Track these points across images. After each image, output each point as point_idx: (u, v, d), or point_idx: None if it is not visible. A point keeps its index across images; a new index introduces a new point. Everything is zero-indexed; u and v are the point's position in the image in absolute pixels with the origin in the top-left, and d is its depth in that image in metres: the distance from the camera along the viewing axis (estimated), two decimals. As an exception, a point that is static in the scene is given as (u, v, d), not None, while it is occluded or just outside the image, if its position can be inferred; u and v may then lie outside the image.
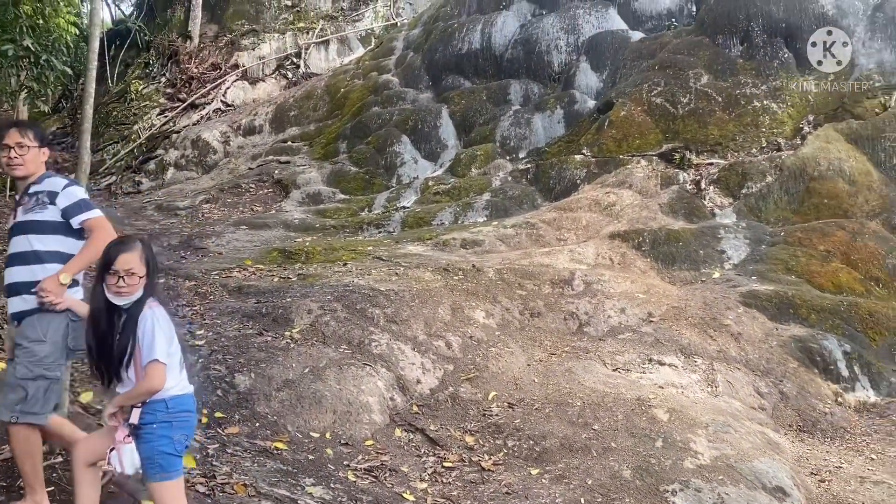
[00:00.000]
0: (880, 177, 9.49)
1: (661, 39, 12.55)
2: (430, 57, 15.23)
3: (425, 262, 8.13)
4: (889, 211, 9.06)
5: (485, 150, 12.64)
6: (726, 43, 11.62)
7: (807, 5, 11.23)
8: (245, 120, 17.08)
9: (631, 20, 13.51)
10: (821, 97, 10.77)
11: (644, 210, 9.88)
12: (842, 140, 9.82)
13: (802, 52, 11.12)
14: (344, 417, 5.10)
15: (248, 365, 5.36)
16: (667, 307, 7.50)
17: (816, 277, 8.07)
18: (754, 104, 10.81)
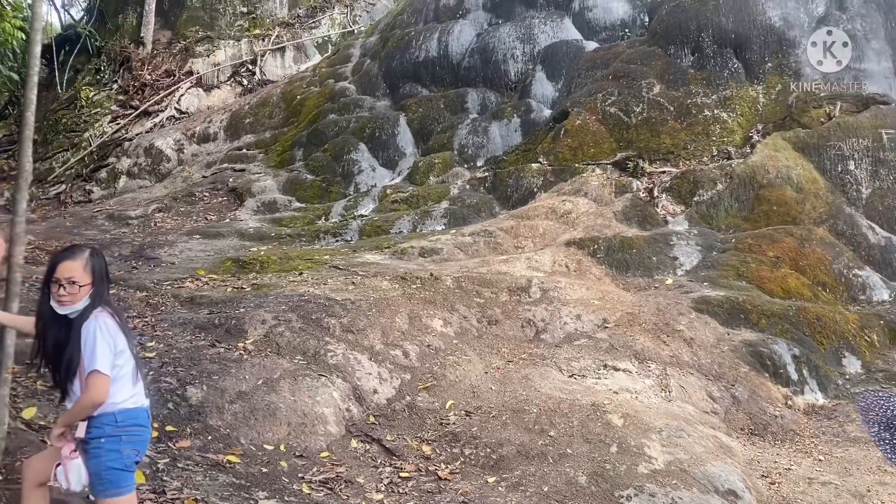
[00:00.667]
0: (826, 184, 9.76)
1: (614, 49, 12.74)
2: (387, 64, 15.22)
3: (383, 271, 8.10)
4: (835, 217, 9.33)
5: (443, 158, 12.67)
6: (678, 53, 11.86)
7: (755, 17, 11.52)
8: (199, 127, 16.83)
9: (585, 30, 13.69)
10: (769, 107, 11.05)
11: (599, 218, 10.00)
12: (789, 148, 10.09)
13: (751, 63, 11.40)
14: (299, 429, 5.04)
15: (201, 377, 5.26)
16: (621, 313, 7.59)
17: (766, 283, 8.26)
18: (705, 113, 11.04)
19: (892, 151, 9.73)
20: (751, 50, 11.40)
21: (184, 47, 19.69)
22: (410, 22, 15.85)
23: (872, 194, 9.67)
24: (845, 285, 8.50)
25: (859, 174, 9.74)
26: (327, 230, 10.91)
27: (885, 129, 9.86)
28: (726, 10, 11.60)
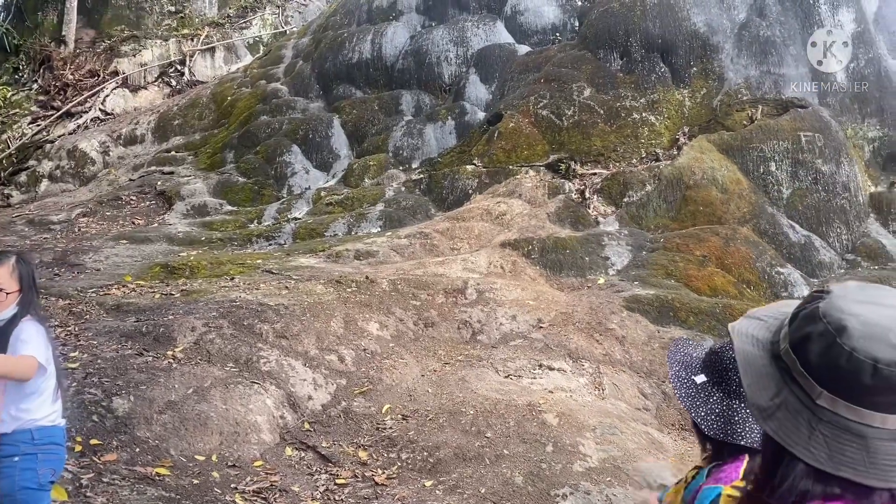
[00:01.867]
0: (750, 185, 10.11)
1: (546, 53, 12.92)
2: (320, 66, 15.06)
3: (317, 275, 8.00)
4: (758, 217, 9.67)
5: (378, 160, 12.61)
6: (607, 57, 12.10)
7: (681, 23, 11.85)
8: (126, 129, 16.32)
9: (517, 34, 13.84)
10: (695, 110, 11.38)
11: (533, 219, 10.12)
12: (714, 150, 10.41)
13: (678, 67, 11.73)
14: (231, 438, 4.92)
15: (127, 387, 5.09)
16: (556, 313, 7.69)
17: (694, 281, 8.50)
18: (634, 116, 11.30)
19: (810, 153, 10.14)
20: (677, 55, 11.73)
21: (108, 47, 19.05)
22: (343, 23, 15.73)
23: (793, 194, 10.06)
24: (768, 282, 8.81)
25: (780, 175, 10.12)
26: (260, 234, 10.72)
27: (804, 131, 10.27)
28: (653, 16, 11.90)
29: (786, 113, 10.64)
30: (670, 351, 1.93)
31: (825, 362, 1.11)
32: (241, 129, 14.28)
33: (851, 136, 10.97)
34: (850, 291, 1.16)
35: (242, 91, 15.90)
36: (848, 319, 1.10)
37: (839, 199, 9.98)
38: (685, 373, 1.82)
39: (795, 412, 1.14)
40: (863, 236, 9.92)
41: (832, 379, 1.11)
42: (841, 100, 11.36)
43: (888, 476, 1.08)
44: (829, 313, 1.12)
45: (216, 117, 15.72)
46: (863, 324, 1.09)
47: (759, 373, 1.19)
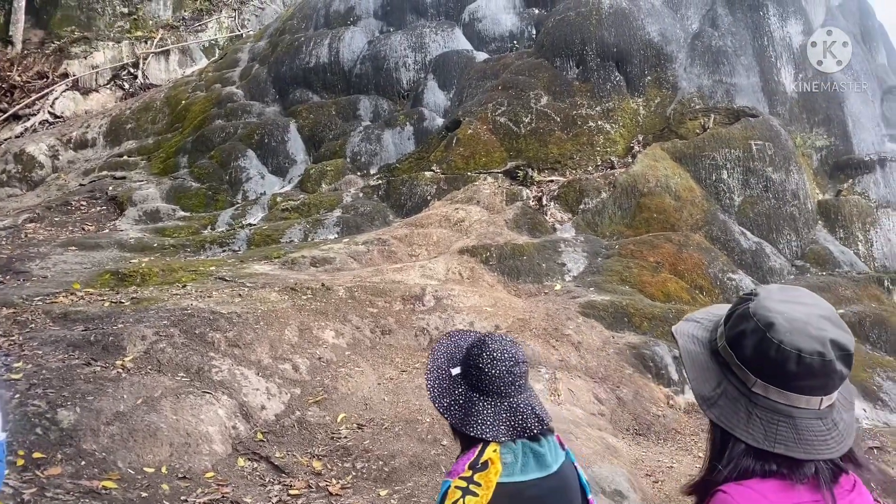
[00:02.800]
0: (702, 192, 10.29)
1: (504, 60, 12.98)
2: (276, 70, 14.91)
3: (272, 282, 7.89)
4: (710, 224, 9.85)
5: (335, 165, 12.52)
6: (564, 66, 12.21)
7: (635, 32, 12.03)
8: (76, 133, 15.93)
9: (475, 41, 13.89)
10: (649, 118, 11.56)
11: (491, 226, 10.14)
12: (668, 158, 10.58)
13: (633, 76, 11.90)
14: (182, 450, 4.81)
15: (74, 398, 4.93)
16: (513, 319, 7.71)
17: (648, 287, 8.61)
18: (590, 124, 11.42)
19: (760, 161, 10.36)
20: (632, 64, 11.90)
21: (58, 48, 18.60)
22: (300, 27, 15.61)
23: (744, 202, 10.27)
24: (720, 288, 8.97)
25: (732, 183, 10.33)
26: (213, 240, 10.54)
27: (755, 140, 10.50)
28: (608, 25, 12.05)
29: (737, 122, 10.87)
30: (440, 343, 2.01)
31: (757, 354, 1.30)
32: (195, 134, 14.06)
33: (800, 145, 11.25)
34: (774, 293, 1.37)
35: (197, 95, 15.65)
36: (774, 317, 1.29)
37: (789, 206, 10.21)
38: (446, 364, 1.90)
39: (734, 399, 1.33)
40: (811, 243, 10.17)
41: (764, 368, 1.30)
42: (790, 109, 11.66)
43: (814, 449, 1.27)
44: (758, 312, 1.31)
45: (170, 121, 15.45)
46: (787, 320, 1.28)
47: (701, 367, 1.38)
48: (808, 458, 1.28)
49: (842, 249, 10.10)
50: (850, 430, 1.33)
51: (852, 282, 9.31)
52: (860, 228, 10.37)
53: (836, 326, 1.30)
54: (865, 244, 10.30)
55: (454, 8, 14.51)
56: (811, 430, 1.28)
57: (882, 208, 10.69)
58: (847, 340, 1.29)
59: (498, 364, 1.80)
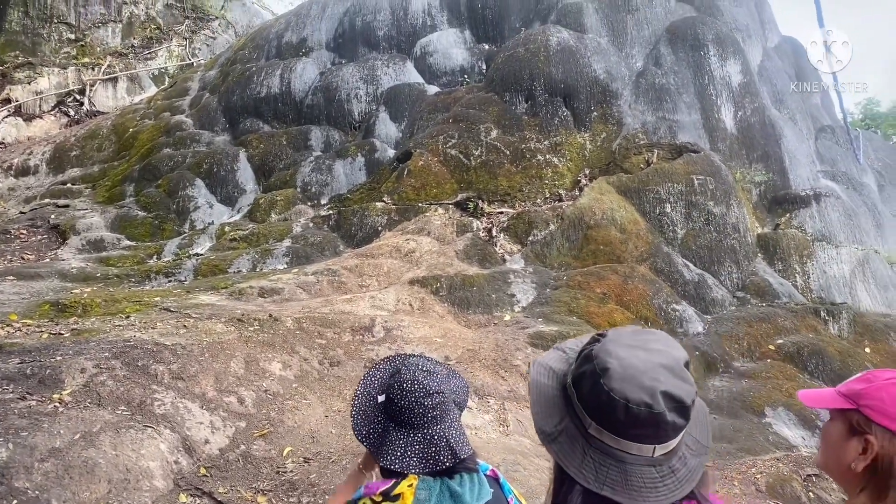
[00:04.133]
0: (647, 225, 10.53)
1: (454, 94, 13.17)
2: (227, 99, 14.84)
3: (218, 313, 7.77)
4: (654, 256, 10.07)
5: (285, 195, 12.46)
6: (513, 100, 12.44)
7: (582, 69, 12.34)
8: (18, 159, 15.53)
9: (427, 74, 14.08)
10: (595, 153, 11.82)
11: (442, 256, 10.19)
12: (613, 192, 10.82)
13: (580, 111, 12.18)
14: (121, 486, 4.67)
15: (6, 434, 4.75)
16: (463, 350, 7.73)
17: (595, 318, 8.73)
18: (538, 158, 11.63)
19: (702, 195, 10.68)
20: (578, 99, 12.19)
21: (0, 73, 18.18)
22: (252, 57, 15.60)
23: (686, 234, 10.54)
24: (665, 319, 9.15)
25: (675, 216, 10.60)
26: (159, 270, 10.34)
27: (696, 175, 10.82)
28: (556, 62, 12.35)
29: (680, 157, 11.20)
30: (374, 367, 2.02)
31: (592, 398, 1.30)
32: (142, 162, 13.85)
33: (740, 180, 11.63)
34: (623, 336, 1.37)
35: (145, 123, 15.45)
36: (611, 362, 1.29)
37: (730, 239, 10.52)
38: (375, 390, 1.90)
39: (574, 438, 1.34)
40: (752, 275, 10.47)
41: (597, 413, 1.30)
42: (730, 145, 12.06)
43: (640, 495, 1.28)
44: (598, 355, 1.31)
45: (117, 149, 15.19)
46: (622, 367, 1.28)
47: (548, 402, 1.38)
48: (633, 503, 1.28)
49: (781, 281, 10.42)
50: (693, 475, 1.33)
51: (791, 313, 9.59)
52: (797, 261, 10.72)
53: (674, 377, 1.29)
54: (803, 276, 10.64)
55: (406, 42, 14.71)
56: (641, 477, 1.28)
57: (818, 241, 11.08)
58: (683, 392, 1.27)
59: (408, 395, 1.78)
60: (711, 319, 9.44)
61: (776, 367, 8.43)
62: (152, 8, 21.42)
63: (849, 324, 9.64)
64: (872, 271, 11.25)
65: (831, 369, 8.47)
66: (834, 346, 8.85)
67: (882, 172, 16.98)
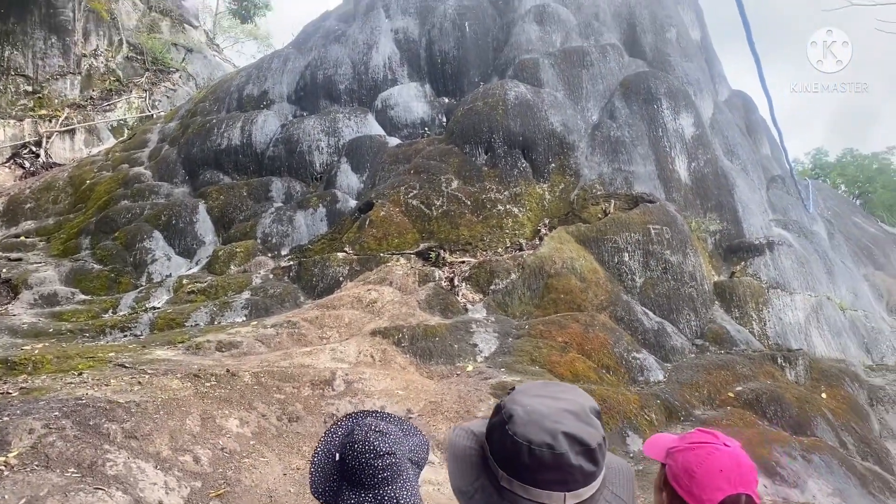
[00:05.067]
0: (606, 274, 10.66)
1: (415, 146, 13.33)
2: (187, 151, 14.78)
3: (175, 368, 7.59)
4: (614, 304, 10.18)
5: (245, 246, 12.36)
6: (473, 152, 12.63)
7: (539, 122, 12.61)
8: (-32, 211, 15.19)
9: (388, 127, 14.24)
10: (554, 203, 12.01)
11: (404, 306, 10.16)
12: (573, 241, 10.96)
13: (538, 162, 12.40)
14: (67, 554, 4.47)
15: (-54, 502, 4.54)
16: (425, 402, 7.66)
17: (557, 367, 8.74)
18: (499, 208, 11.77)
19: (659, 244, 10.87)
20: (537, 151, 12.43)
21: (-47, 124, 17.92)
22: (213, 109, 15.63)
23: (645, 283, 10.69)
24: (626, 367, 9.20)
25: (633, 265, 10.76)
26: (115, 324, 10.10)
27: (653, 224, 11.04)
28: (514, 115, 12.61)
29: (636, 207, 11.43)
30: (335, 424, 2.04)
31: (499, 447, 1.31)
32: (99, 214, 13.65)
33: (695, 229, 11.89)
34: (532, 387, 1.40)
35: (103, 175, 15.29)
36: (516, 409, 1.31)
37: (687, 287, 10.69)
38: (335, 447, 1.91)
39: (489, 494, 1.33)
40: (710, 322, 10.63)
41: (505, 461, 1.30)
42: (685, 195, 12.35)
43: None
44: (506, 405, 1.34)
45: (73, 201, 14.97)
46: (526, 412, 1.30)
47: (465, 461, 1.38)
48: None
49: (738, 328, 10.59)
50: None
51: (749, 360, 9.73)
52: (754, 308, 10.93)
53: (578, 420, 1.29)
54: (759, 323, 10.83)
55: (367, 95, 14.90)
56: None
57: (772, 289, 11.33)
58: (587, 435, 1.27)
59: (359, 456, 1.78)
60: (672, 367, 9.52)
61: (736, 415, 8.50)
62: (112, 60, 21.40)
63: (805, 370, 9.81)
64: (826, 317, 11.52)
65: (790, 416, 8.58)
66: (791, 393, 8.98)
67: (831, 221, 17.53)
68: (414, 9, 16.09)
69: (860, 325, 12.51)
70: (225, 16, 35.74)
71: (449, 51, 14.97)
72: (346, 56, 15.55)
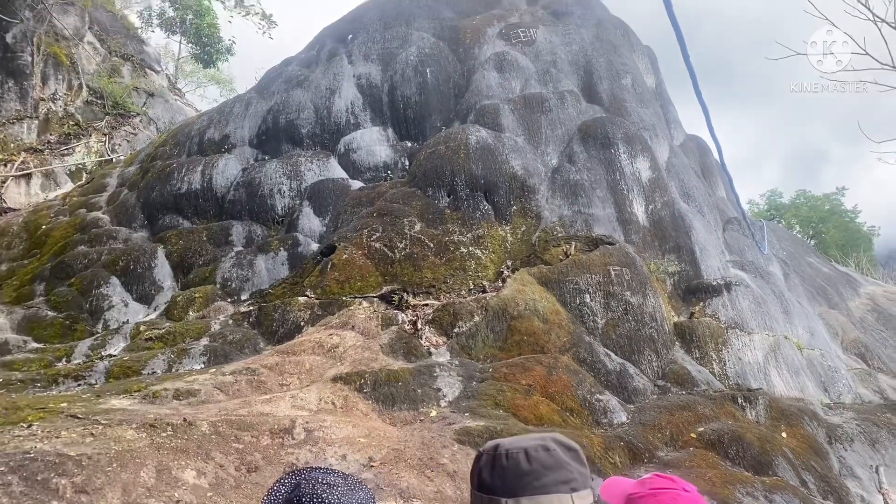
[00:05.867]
0: (568, 315, 10.73)
1: (378, 189, 13.37)
2: (146, 195, 14.62)
3: (129, 418, 7.38)
4: (577, 346, 10.22)
5: (204, 291, 12.18)
6: (436, 195, 12.72)
7: (500, 166, 12.79)
8: (-84, 258, 14.73)
9: (351, 170, 14.29)
10: (516, 245, 12.11)
11: (366, 351, 10.06)
12: (535, 283, 11.03)
13: (500, 205, 12.53)
14: None
15: None
16: (387, 450, 7.54)
17: (521, 410, 8.71)
18: (461, 250, 11.82)
19: (619, 286, 10.99)
20: (498, 194, 12.56)
21: None
22: (173, 154, 15.53)
23: (607, 324, 10.77)
24: (589, 410, 9.20)
25: (595, 306, 10.85)
26: (68, 373, 9.81)
27: (613, 266, 11.17)
28: (476, 159, 12.76)
29: (596, 249, 11.57)
30: (278, 482, 2.02)
31: (495, 474, 1.42)
32: (54, 260, 13.36)
33: (654, 270, 12.07)
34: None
35: (59, 220, 15.02)
36: (499, 441, 1.47)
37: (648, 328, 10.80)
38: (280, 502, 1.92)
39: None
40: (671, 363, 10.72)
41: (505, 483, 1.39)
42: (643, 237, 12.56)
43: None
44: (486, 445, 1.48)
45: (27, 247, 14.64)
46: (509, 440, 1.47)
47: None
48: None
49: (698, 369, 10.69)
50: None
51: (710, 400, 9.81)
52: (713, 348, 11.06)
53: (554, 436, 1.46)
54: (719, 363, 10.96)
55: (330, 139, 14.96)
56: None
57: (731, 329, 11.50)
58: (571, 441, 1.44)
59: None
60: (634, 409, 9.55)
61: (699, 456, 8.53)
62: (71, 104, 21.20)
63: (765, 409, 9.92)
64: (784, 357, 11.70)
65: (751, 455, 8.64)
66: (752, 433, 9.05)
67: (786, 261, 17.95)
68: (376, 55, 16.31)
69: (817, 364, 12.73)
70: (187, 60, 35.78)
71: (411, 96, 15.16)
72: (308, 101, 15.64)
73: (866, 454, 10.28)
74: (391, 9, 17.58)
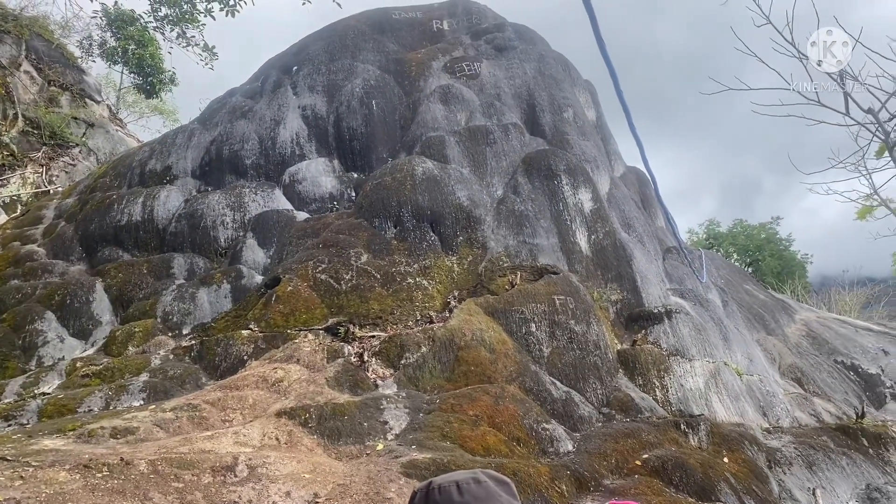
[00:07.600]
0: (514, 345, 10.79)
1: (324, 220, 13.31)
2: (84, 227, 14.25)
3: (63, 459, 7.10)
4: (523, 375, 10.28)
5: (144, 326, 11.87)
6: (382, 226, 12.72)
7: (446, 197, 12.88)
8: None
9: (296, 201, 14.20)
10: (463, 275, 12.17)
11: (311, 385, 9.92)
12: (482, 313, 11.09)
13: (446, 236, 12.61)
14: None
15: None
16: (332, 485, 7.42)
17: (468, 442, 8.68)
18: (408, 281, 11.82)
19: (564, 314, 11.13)
20: (445, 225, 12.64)
21: None
22: (113, 185, 15.21)
23: (552, 353, 10.87)
24: (536, 439, 9.23)
25: (540, 335, 10.95)
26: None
27: (557, 295, 11.32)
28: (422, 190, 12.84)
29: (541, 278, 11.71)
30: None
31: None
32: (-16, 295, 12.86)
33: (598, 299, 12.26)
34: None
35: (-10, 253, 14.49)
36: (432, 478, 1.54)
37: (592, 356, 10.94)
38: None
39: None
40: (615, 390, 10.86)
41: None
42: (587, 266, 12.77)
43: None
44: (420, 484, 1.56)
45: (-45, 281, 14.05)
46: (443, 478, 1.53)
47: None
48: None
49: (642, 395, 10.85)
50: None
51: (654, 427, 9.95)
52: (656, 375, 11.25)
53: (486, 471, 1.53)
54: (662, 390, 11.14)
55: (274, 170, 14.86)
56: None
57: (673, 356, 11.72)
58: (502, 475, 1.51)
59: None
60: (580, 437, 9.62)
61: (644, 483, 8.63)
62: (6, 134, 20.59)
63: (707, 435, 10.11)
64: (724, 383, 11.97)
65: (694, 481, 8.77)
66: (695, 458, 9.20)
67: (724, 289, 18.42)
68: (321, 87, 16.35)
69: (756, 390, 13.05)
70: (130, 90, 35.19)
71: (357, 127, 15.22)
72: (252, 132, 15.54)
73: (804, 477, 10.55)
74: (337, 41, 17.69)
